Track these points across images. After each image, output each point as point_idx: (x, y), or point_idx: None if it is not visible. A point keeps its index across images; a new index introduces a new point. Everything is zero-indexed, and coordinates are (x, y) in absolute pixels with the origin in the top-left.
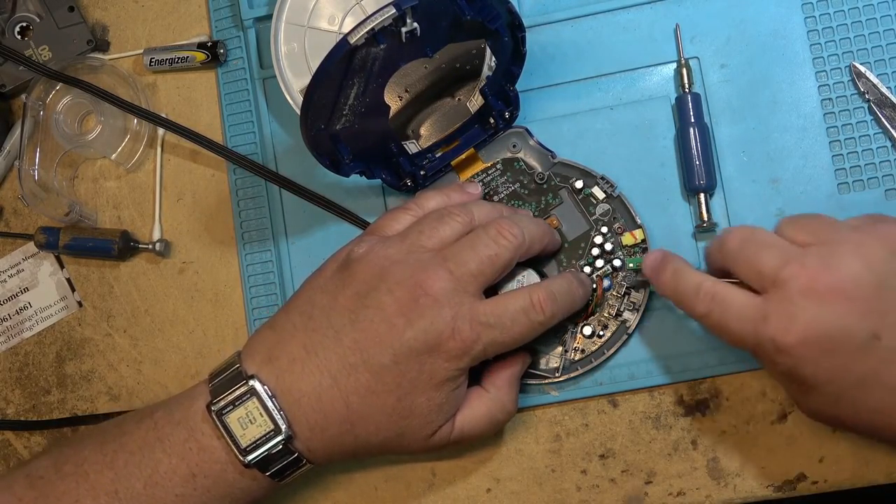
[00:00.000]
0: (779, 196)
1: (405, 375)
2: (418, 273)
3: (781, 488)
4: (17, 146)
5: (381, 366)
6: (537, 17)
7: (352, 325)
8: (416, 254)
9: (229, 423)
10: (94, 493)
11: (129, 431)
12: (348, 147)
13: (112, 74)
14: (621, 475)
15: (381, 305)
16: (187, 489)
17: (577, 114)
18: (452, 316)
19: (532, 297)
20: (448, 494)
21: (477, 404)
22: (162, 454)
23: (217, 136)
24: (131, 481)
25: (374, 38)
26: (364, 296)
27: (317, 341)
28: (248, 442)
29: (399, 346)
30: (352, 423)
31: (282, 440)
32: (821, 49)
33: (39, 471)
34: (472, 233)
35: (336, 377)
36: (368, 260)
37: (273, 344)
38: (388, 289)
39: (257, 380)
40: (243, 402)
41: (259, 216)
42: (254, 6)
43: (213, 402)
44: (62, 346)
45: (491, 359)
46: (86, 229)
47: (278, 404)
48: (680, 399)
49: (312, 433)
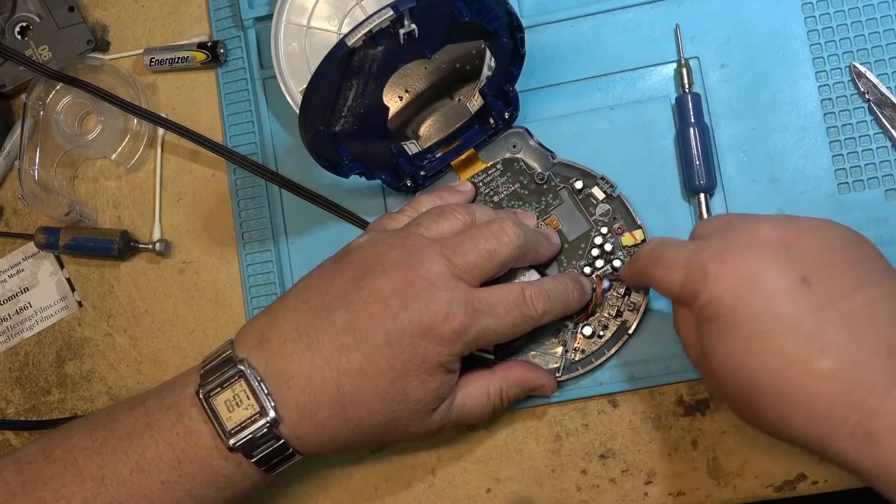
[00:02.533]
0: (779, 196)
1: (398, 357)
2: (415, 256)
3: (781, 488)
4: (17, 146)
5: (373, 346)
6: (537, 18)
7: (346, 306)
8: (414, 240)
9: (216, 405)
10: (81, 479)
11: (120, 418)
12: (347, 148)
13: (112, 74)
14: (621, 475)
15: (376, 287)
16: (172, 476)
17: (577, 114)
18: (447, 300)
19: (526, 291)
20: (448, 494)
21: (480, 384)
22: (150, 440)
23: (217, 136)
24: (118, 467)
25: (372, 40)
26: (360, 279)
27: (309, 322)
28: (234, 425)
29: (392, 327)
30: (343, 406)
31: (267, 422)
32: (821, 49)
33: (28, 456)
34: (474, 228)
35: (328, 357)
36: (366, 247)
37: (266, 327)
38: (384, 270)
39: (246, 363)
40: (231, 384)
41: (259, 216)
42: (254, 6)
43: (201, 385)
44: (62, 346)
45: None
46: (86, 229)
47: (266, 387)
48: (680, 399)
49: (301, 417)
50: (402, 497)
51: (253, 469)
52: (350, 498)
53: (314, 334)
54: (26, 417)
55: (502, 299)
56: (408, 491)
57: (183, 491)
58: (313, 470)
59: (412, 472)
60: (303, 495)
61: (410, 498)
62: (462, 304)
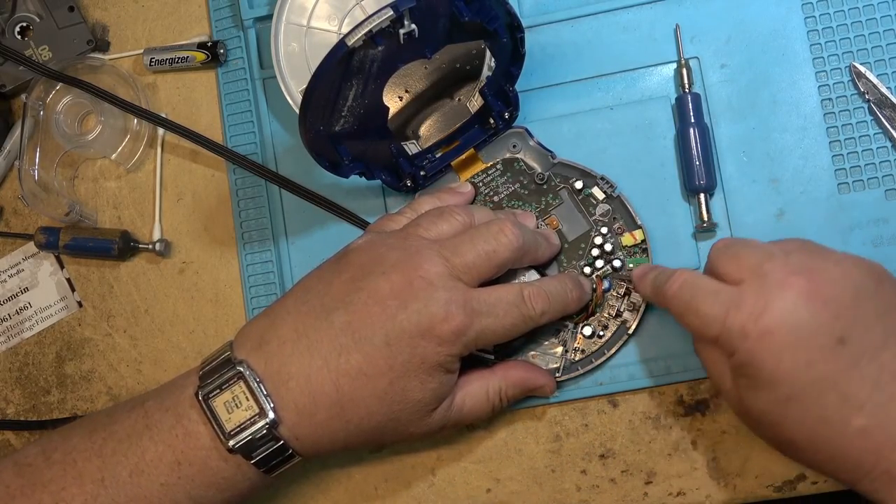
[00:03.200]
0: (779, 196)
1: (397, 358)
2: (414, 257)
3: (781, 488)
4: (17, 146)
5: (372, 347)
6: (537, 18)
7: (345, 307)
8: (413, 241)
9: (215, 407)
10: (81, 481)
11: (119, 420)
12: (347, 148)
13: (112, 74)
14: (621, 475)
15: (375, 288)
16: (172, 478)
17: (577, 114)
18: (446, 300)
19: (524, 291)
20: (448, 494)
21: (480, 384)
22: (149, 442)
23: (217, 136)
24: (118, 469)
25: (372, 40)
26: (358, 280)
27: (308, 324)
28: (233, 426)
29: (391, 328)
30: (342, 406)
31: (266, 424)
32: (821, 49)
33: (28, 458)
34: (473, 229)
35: (326, 358)
36: (365, 249)
37: (265, 329)
38: (383, 271)
39: (246, 364)
40: (230, 386)
41: (259, 216)
42: (254, 6)
43: (200, 386)
44: (62, 346)
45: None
46: (86, 229)
47: (265, 389)
48: (680, 399)
49: (300, 418)
50: (402, 497)
51: (252, 470)
52: (350, 498)
53: (313, 336)
54: (26, 417)
55: (501, 299)
56: (408, 491)
57: (182, 492)
58: (313, 470)
59: (412, 472)
60: (303, 496)
61: (410, 498)
62: (461, 305)
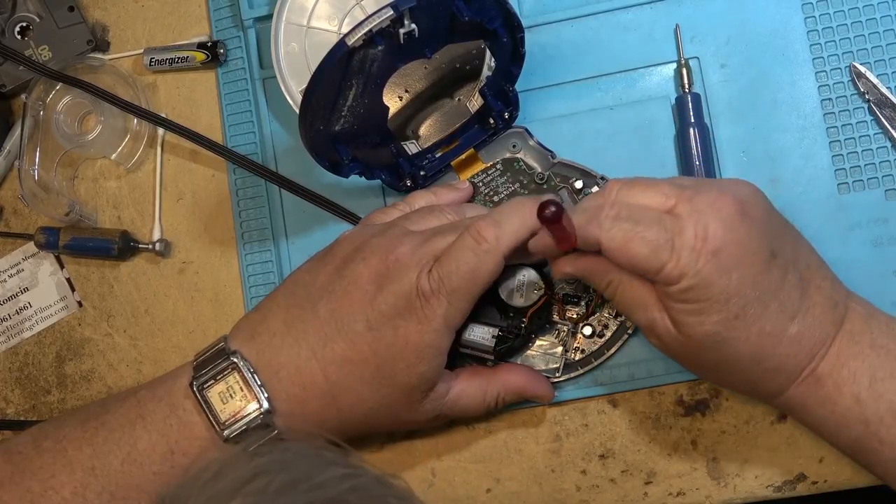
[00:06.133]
0: (779, 196)
1: (380, 342)
2: (393, 242)
3: (781, 488)
4: (17, 146)
5: (355, 333)
6: (537, 17)
7: (328, 296)
8: (396, 230)
9: (210, 397)
10: (71, 469)
11: (111, 409)
12: (347, 148)
13: (112, 74)
14: (621, 475)
15: (356, 275)
16: (164, 467)
17: (577, 114)
18: (416, 275)
19: (470, 231)
20: (448, 494)
21: (478, 386)
22: (142, 431)
23: (217, 136)
24: (109, 458)
25: (372, 40)
26: (341, 269)
27: (296, 315)
28: (228, 416)
29: (371, 312)
30: (333, 395)
31: (261, 413)
32: (821, 49)
33: (19, 446)
34: None
35: (314, 348)
36: (350, 239)
37: (256, 322)
38: (363, 258)
39: (239, 354)
40: (224, 376)
41: (259, 216)
42: (254, 6)
43: (194, 377)
44: (62, 346)
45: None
46: (86, 229)
47: (259, 379)
48: (680, 399)
49: (292, 408)
50: None
51: None
52: None
53: (300, 326)
54: (26, 417)
55: (454, 251)
56: None
57: (175, 481)
58: None
59: (412, 472)
60: None
61: None
62: (426, 274)
